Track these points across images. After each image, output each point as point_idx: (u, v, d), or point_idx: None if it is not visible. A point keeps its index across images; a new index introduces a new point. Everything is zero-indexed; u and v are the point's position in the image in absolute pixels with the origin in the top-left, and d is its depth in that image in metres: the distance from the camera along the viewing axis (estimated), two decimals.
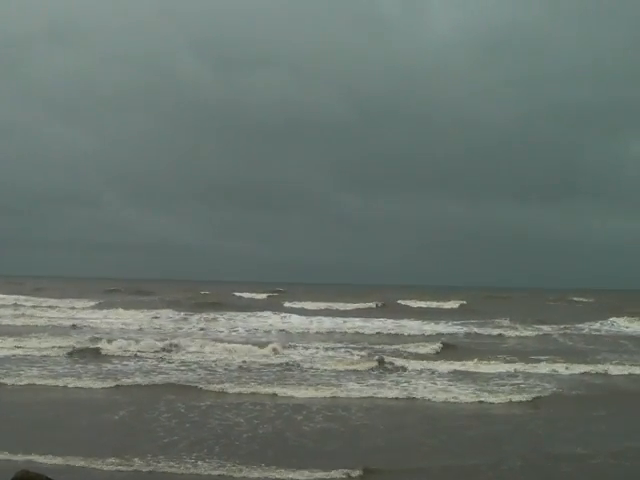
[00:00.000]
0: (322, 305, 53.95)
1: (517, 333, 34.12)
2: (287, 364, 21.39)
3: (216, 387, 17.33)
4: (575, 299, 72.18)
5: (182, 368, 20.57)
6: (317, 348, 25.58)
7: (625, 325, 39.36)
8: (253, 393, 16.79)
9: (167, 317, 39.34)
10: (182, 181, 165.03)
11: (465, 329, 35.73)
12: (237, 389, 17.19)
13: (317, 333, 33.32)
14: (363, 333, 33.36)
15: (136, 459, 10.85)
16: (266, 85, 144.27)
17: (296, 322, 37.99)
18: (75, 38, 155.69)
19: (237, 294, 68.55)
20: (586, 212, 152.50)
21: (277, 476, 10.29)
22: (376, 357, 22.35)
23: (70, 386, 17.25)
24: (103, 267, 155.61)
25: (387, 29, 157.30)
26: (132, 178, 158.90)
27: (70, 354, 22.55)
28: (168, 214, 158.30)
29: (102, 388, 17.23)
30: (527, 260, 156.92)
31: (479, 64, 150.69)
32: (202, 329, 33.66)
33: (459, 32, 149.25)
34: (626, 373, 21.34)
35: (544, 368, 21.46)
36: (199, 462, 10.89)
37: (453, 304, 58.17)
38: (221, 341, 26.97)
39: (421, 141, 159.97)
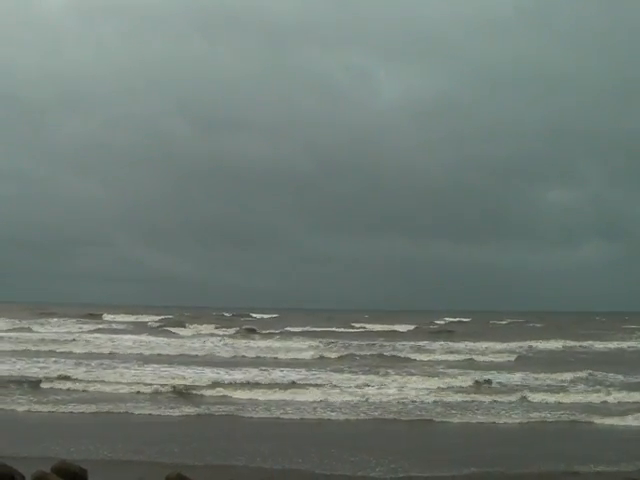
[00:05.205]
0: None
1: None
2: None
3: None
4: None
5: None
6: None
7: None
8: None
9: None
10: (178, 223, 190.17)
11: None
12: None
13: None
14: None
15: None
16: (244, 142, 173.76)
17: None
18: (82, 104, 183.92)
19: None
20: (511, 251, 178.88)
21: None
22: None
23: None
24: (115, 296, 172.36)
25: (341, 96, 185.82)
26: (138, 222, 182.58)
27: None
28: (168, 252, 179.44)
29: None
30: (457, 287, 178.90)
31: (418, 124, 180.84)
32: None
33: (402, 98, 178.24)
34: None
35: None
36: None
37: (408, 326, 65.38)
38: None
39: (371, 188, 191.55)
